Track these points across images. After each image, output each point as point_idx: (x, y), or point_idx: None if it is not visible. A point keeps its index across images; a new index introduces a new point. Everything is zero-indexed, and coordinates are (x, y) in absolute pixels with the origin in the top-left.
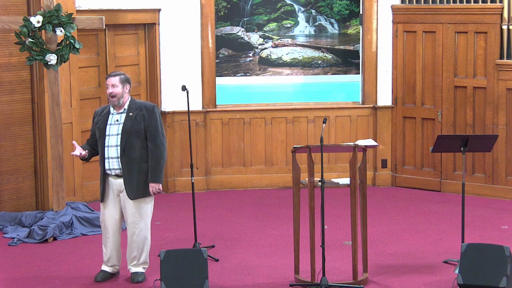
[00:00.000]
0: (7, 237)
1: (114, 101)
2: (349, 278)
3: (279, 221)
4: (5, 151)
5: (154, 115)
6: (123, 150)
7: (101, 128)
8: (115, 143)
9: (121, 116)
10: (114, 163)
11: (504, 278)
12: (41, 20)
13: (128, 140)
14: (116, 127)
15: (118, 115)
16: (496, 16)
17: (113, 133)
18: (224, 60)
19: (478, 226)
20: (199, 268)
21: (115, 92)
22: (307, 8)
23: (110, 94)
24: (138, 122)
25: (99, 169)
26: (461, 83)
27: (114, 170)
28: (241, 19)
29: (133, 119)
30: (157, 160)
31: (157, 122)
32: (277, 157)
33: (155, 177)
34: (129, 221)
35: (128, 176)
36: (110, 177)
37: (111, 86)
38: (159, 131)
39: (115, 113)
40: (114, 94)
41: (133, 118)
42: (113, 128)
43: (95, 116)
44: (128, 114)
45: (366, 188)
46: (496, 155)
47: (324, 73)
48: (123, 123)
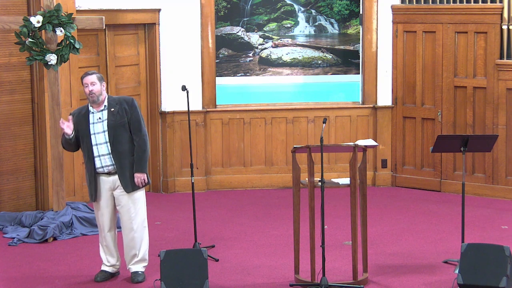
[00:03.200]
0: (7, 237)
1: (93, 98)
2: (349, 278)
3: (279, 221)
4: (5, 151)
5: (135, 108)
6: (113, 145)
7: (83, 128)
8: (104, 140)
9: (102, 113)
10: (106, 159)
11: (504, 278)
12: (41, 20)
13: (115, 134)
14: (100, 125)
15: (99, 113)
16: (496, 16)
17: (99, 130)
18: (224, 60)
19: (478, 226)
20: (199, 268)
21: (95, 90)
22: (307, 8)
23: (90, 92)
24: (121, 116)
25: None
26: (461, 83)
27: (106, 167)
28: (241, 19)
29: (116, 114)
30: (142, 150)
31: (138, 114)
32: (277, 157)
33: (140, 167)
34: (125, 218)
35: (121, 170)
36: (101, 175)
37: (90, 84)
38: (141, 123)
39: (95, 112)
40: (94, 92)
41: (115, 113)
42: (97, 126)
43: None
44: (110, 110)
45: (366, 188)
46: (496, 155)
47: (324, 73)
48: (107, 119)
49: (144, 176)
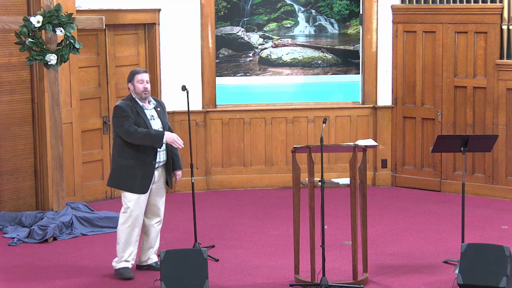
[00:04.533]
0: (7, 237)
1: (147, 95)
2: (349, 278)
3: (279, 221)
4: (5, 151)
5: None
6: (166, 143)
7: (145, 122)
8: None
9: (152, 112)
10: (162, 155)
11: (504, 278)
12: (41, 20)
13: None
14: (154, 122)
15: (150, 111)
16: (496, 16)
17: (156, 128)
18: (224, 60)
19: (478, 226)
20: (199, 268)
21: (149, 88)
22: (307, 8)
23: (145, 89)
24: (165, 115)
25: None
26: (461, 83)
27: (161, 162)
28: (241, 19)
29: (163, 114)
30: (176, 149)
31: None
32: (277, 157)
33: (180, 164)
34: (159, 211)
35: (168, 166)
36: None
37: (145, 82)
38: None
39: (147, 109)
40: (148, 89)
41: (162, 112)
42: (153, 123)
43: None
44: (157, 109)
45: (366, 188)
46: (496, 155)
47: (324, 73)
48: (160, 118)
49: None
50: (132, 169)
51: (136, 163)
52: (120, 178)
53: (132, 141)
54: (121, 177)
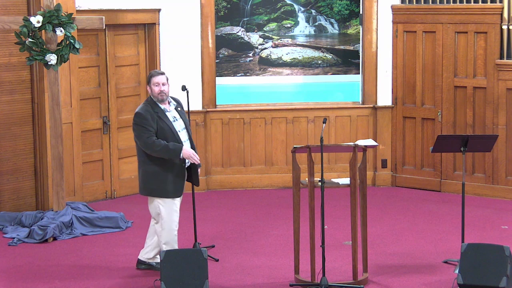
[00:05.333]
0: (7, 237)
1: (163, 97)
2: (349, 278)
3: (279, 221)
4: (5, 151)
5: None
6: (192, 143)
7: (166, 127)
8: (185, 138)
9: (174, 113)
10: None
11: (504, 278)
12: (41, 20)
13: (190, 132)
14: (177, 123)
15: (172, 112)
16: (496, 16)
17: (179, 129)
18: (224, 60)
19: (478, 226)
20: (199, 268)
21: (166, 90)
22: (307, 8)
23: (161, 92)
24: (185, 115)
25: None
26: (461, 83)
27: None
28: (241, 19)
29: (184, 114)
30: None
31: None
32: (277, 157)
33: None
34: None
35: (196, 166)
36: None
37: (162, 84)
38: None
39: (168, 111)
40: (165, 92)
41: (182, 112)
42: (176, 125)
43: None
44: (177, 109)
45: (366, 188)
46: (496, 155)
47: (324, 73)
48: (182, 119)
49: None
50: (162, 174)
51: (166, 167)
52: (152, 184)
53: (150, 153)
54: (153, 183)
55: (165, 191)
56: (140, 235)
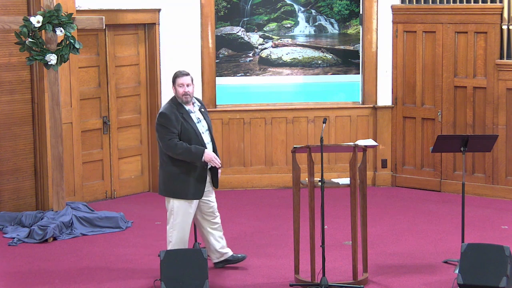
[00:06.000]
0: (7, 237)
1: (187, 99)
2: (349, 278)
3: (279, 221)
4: (5, 151)
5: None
6: (214, 144)
7: (190, 128)
8: (208, 139)
9: (198, 114)
10: None
11: (504, 278)
12: (41, 20)
13: (212, 134)
14: (201, 125)
15: (196, 114)
16: (496, 16)
17: (202, 130)
18: (224, 60)
19: (478, 226)
20: (199, 268)
21: (190, 91)
22: (307, 8)
23: (186, 93)
24: (208, 116)
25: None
26: (461, 83)
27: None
28: (241, 19)
29: (207, 115)
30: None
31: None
32: (277, 157)
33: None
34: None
35: (216, 167)
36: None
37: (187, 86)
38: None
39: (193, 112)
40: (190, 93)
41: (206, 113)
42: (200, 126)
43: (170, 118)
44: (201, 110)
45: (366, 188)
46: (496, 155)
47: (324, 73)
48: (205, 120)
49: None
50: (183, 176)
51: (187, 169)
52: (172, 185)
53: (172, 155)
54: (173, 184)
55: (185, 193)
56: (140, 235)
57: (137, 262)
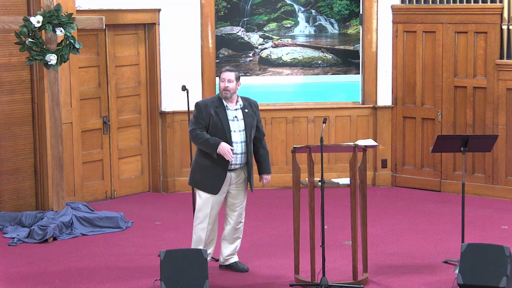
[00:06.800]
0: (7, 237)
1: (227, 94)
2: (349, 278)
3: (279, 221)
4: (5, 151)
5: (259, 110)
6: (247, 145)
7: (223, 124)
8: (240, 139)
9: (237, 112)
10: (237, 158)
11: (504, 278)
12: (41, 20)
13: (250, 135)
14: (236, 123)
15: (234, 111)
16: (496, 16)
17: (236, 129)
18: (224, 60)
19: (478, 226)
20: (199, 268)
21: (230, 87)
22: (307, 8)
23: (225, 88)
24: (253, 118)
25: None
26: (461, 83)
27: (235, 164)
28: (241, 19)
29: (250, 116)
30: (267, 151)
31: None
32: (277, 157)
33: (269, 168)
34: (238, 213)
35: (249, 169)
36: (229, 171)
37: (227, 81)
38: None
39: (231, 109)
40: (229, 89)
41: (250, 115)
42: (234, 124)
43: (202, 108)
44: (244, 110)
45: (366, 188)
46: (496, 155)
47: (324, 73)
48: (244, 120)
49: (270, 177)
50: (207, 169)
51: (212, 164)
52: (197, 176)
53: (194, 144)
54: (198, 175)
55: (204, 185)
56: (140, 235)
57: (137, 262)
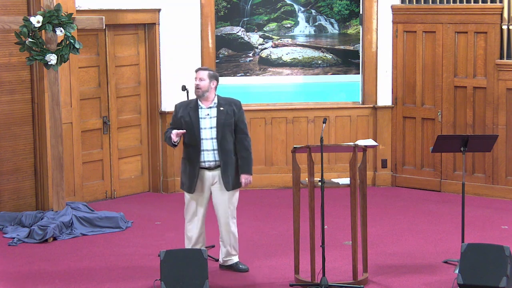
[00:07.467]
0: (7, 237)
1: (198, 93)
2: (349, 278)
3: (279, 221)
4: (5, 151)
5: (242, 110)
6: (220, 143)
7: (192, 121)
8: (210, 136)
9: (211, 110)
10: (209, 155)
11: (504, 278)
12: (41, 20)
13: (223, 133)
14: (208, 121)
15: (208, 110)
16: (496, 16)
17: (206, 126)
18: (224, 60)
19: (478, 226)
20: (199, 268)
21: (201, 85)
22: (307, 8)
23: (196, 86)
24: (230, 116)
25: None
26: (461, 83)
27: (208, 162)
28: (241, 19)
29: (225, 113)
30: (248, 152)
31: (244, 116)
32: (277, 157)
33: (248, 168)
34: (221, 213)
35: (224, 168)
36: (203, 169)
37: (199, 79)
38: (246, 126)
39: (204, 107)
40: (200, 87)
41: (225, 113)
42: (205, 122)
43: (177, 110)
44: (219, 108)
45: (366, 188)
46: (496, 155)
47: (324, 73)
48: (217, 117)
49: (251, 178)
50: (185, 169)
51: (188, 163)
52: (181, 177)
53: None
54: (181, 176)
55: (184, 185)
56: (140, 235)
57: (137, 262)
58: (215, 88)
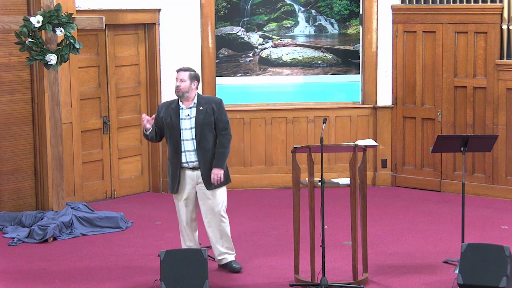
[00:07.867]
0: (7, 237)
1: (178, 93)
2: (349, 278)
3: (279, 221)
4: (5, 151)
5: (222, 108)
6: (199, 143)
7: (173, 122)
8: (190, 136)
9: (191, 111)
10: (191, 156)
11: (504, 278)
12: (41, 20)
13: (202, 133)
14: (188, 121)
15: (188, 110)
16: (496, 16)
17: (187, 127)
18: (224, 60)
19: (478, 226)
20: (199, 268)
21: (181, 86)
22: (307, 8)
23: (177, 87)
24: (209, 115)
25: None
26: (461, 83)
27: (191, 162)
28: (241, 19)
29: (204, 113)
30: (223, 147)
31: (225, 115)
32: (277, 157)
33: (218, 162)
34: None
35: (205, 167)
36: (186, 170)
37: (179, 80)
38: (228, 124)
39: (184, 108)
40: (180, 88)
41: (204, 112)
42: (186, 123)
43: (160, 110)
44: (199, 108)
45: (366, 188)
46: (496, 155)
47: (324, 73)
48: (196, 117)
49: (221, 173)
50: (168, 169)
51: (170, 163)
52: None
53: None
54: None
55: (168, 185)
56: (140, 235)
57: (137, 262)
58: (196, 88)
